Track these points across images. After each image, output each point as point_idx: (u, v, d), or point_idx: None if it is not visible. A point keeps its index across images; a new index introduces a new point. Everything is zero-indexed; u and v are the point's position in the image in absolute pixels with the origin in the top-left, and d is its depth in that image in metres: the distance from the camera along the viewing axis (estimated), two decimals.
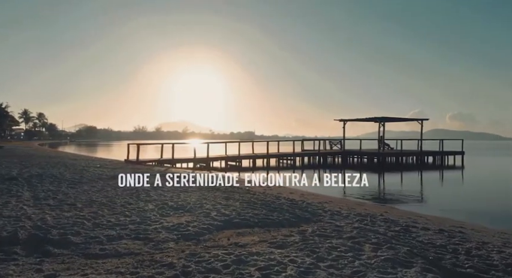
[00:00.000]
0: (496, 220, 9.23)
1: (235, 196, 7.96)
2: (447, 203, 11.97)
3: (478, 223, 7.62)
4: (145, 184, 9.63)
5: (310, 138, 45.18)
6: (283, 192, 10.29)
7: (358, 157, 33.43)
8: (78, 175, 11.59)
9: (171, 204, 6.69)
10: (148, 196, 7.63)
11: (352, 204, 9.08)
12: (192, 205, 6.62)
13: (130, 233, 4.80)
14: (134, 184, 9.31)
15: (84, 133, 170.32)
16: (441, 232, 5.80)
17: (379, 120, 34.45)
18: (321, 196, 10.52)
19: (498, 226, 8.29)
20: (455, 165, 29.87)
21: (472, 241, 5.32)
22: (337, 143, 34.86)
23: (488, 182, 19.68)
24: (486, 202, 12.46)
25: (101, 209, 6.26)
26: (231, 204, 6.94)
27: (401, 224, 6.24)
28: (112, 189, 8.59)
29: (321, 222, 5.99)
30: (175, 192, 8.27)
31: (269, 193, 8.99)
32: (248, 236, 4.82)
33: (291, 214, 6.37)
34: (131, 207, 6.48)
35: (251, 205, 6.86)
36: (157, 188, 8.89)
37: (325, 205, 7.98)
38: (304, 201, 8.00)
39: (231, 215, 5.87)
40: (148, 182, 9.96)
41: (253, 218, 5.81)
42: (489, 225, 8.30)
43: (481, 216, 9.86)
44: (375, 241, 4.66)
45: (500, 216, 9.96)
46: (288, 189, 12.04)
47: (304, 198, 8.88)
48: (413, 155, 32.79)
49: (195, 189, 9.17)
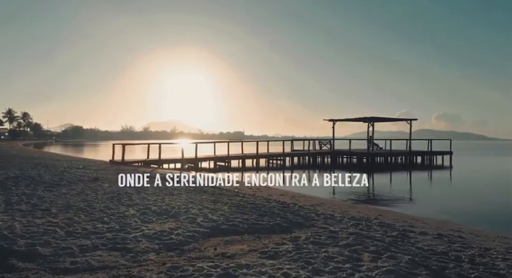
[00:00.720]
0: (489, 221, 9.07)
1: (224, 199, 7.56)
2: (439, 204, 11.78)
3: (475, 227, 7.38)
4: (128, 186, 9.17)
5: (300, 138, 44.97)
6: (274, 193, 9.93)
7: (348, 157, 33.35)
8: (58, 177, 11.01)
9: (154, 209, 6.25)
10: (131, 199, 7.17)
11: (344, 206, 8.77)
12: (177, 210, 6.19)
13: (107, 242, 4.36)
14: (119, 186, 8.83)
15: (70, 133, 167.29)
16: (440, 237, 5.51)
17: (368, 120, 34.44)
18: (312, 197, 10.20)
19: (492, 228, 8.09)
20: (443, 165, 30.02)
21: (473, 246, 5.04)
22: (326, 143, 34.74)
23: (476, 182, 19.69)
24: (476, 202, 12.34)
25: (77, 215, 5.79)
26: (219, 207, 6.53)
27: (398, 228, 5.93)
28: (92, 192, 8.08)
29: (314, 227, 5.65)
30: (159, 195, 7.82)
31: (259, 196, 8.61)
32: (237, 245, 4.43)
33: (283, 218, 6.01)
34: (111, 212, 6.02)
35: (240, 209, 6.47)
36: (140, 191, 8.42)
37: (317, 208, 7.64)
38: (295, 204, 7.64)
39: (219, 221, 5.47)
40: (132, 184, 9.50)
41: (242, 224, 5.42)
42: (485, 227, 8.09)
43: (474, 217, 9.69)
44: (373, 249, 4.32)
45: (492, 217, 9.81)
46: (279, 190, 11.68)
47: (295, 200, 8.53)
48: (402, 155, 32.87)
49: (182, 191, 8.73)
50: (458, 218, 9.26)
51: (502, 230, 7.75)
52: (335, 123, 35.42)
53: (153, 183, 10.15)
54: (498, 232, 7.37)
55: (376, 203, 11.59)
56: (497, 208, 11.38)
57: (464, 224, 7.75)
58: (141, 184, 9.48)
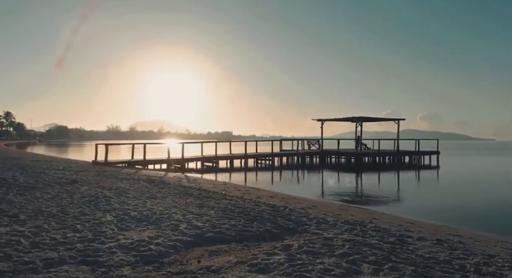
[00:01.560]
0: (481, 222, 8.90)
1: (210, 202, 7.11)
2: (429, 205, 11.60)
3: (473, 231, 7.12)
4: (108, 189, 8.63)
5: (288, 138, 44.69)
6: (263, 195, 9.52)
7: (336, 157, 33.23)
8: (34, 179, 10.36)
9: (133, 215, 5.76)
10: (109, 204, 6.65)
11: (336, 208, 8.42)
12: (159, 216, 5.72)
13: (77, 255, 3.87)
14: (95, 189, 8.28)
15: (54, 133, 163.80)
16: (440, 243, 5.19)
17: (357, 120, 34.40)
18: (303, 199, 9.84)
19: (485, 229, 7.90)
20: (430, 165, 30.17)
21: (476, 253, 4.73)
22: (315, 143, 34.56)
23: (464, 182, 19.72)
24: (465, 202, 12.22)
25: (47, 222, 5.26)
26: (204, 212, 6.08)
27: (395, 233, 5.60)
28: (68, 195, 7.52)
29: (307, 233, 5.26)
30: (141, 199, 7.32)
31: (248, 198, 8.19)
32: (223, 256, 3.99)
33: (273, 223, 5.60)
34: (85, 218, 5.51)
35: (228, 214, 6.03)
36: (121, 194, 7.89)
37: (309, 211, 7.27)
38: (286, 207, 7.25)
39: (204, 227, 5.02)
40: (112, 187, 8.97)
41: (229, 230, 4.99)
42: (478, 229, 7.88)
43: (465, 218, 9.51)
44: (373, 259, 3.95)
45: (483, 218, 9.64)
46: (268, 191, 11.30)
47: (285, 203, 8.14)
48: (390, 155, 32.92)
49: (166, 194, 8.24)
50: (449, 220, 9.07)
51: (496, 232, 7.54)
52: (323, 122, 35.26)
53: (136, 185, 9.64)
54: (494, 233, 7.14)
55: (367, 204, 11.32)
56: (485, 208, 11.29)
57: (461, 227, 7.50)
58: (120, 189, 8.94)
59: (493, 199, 13.10)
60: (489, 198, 13.40)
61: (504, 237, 6.40)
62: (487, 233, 6.85)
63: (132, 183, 10.39)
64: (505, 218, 9.72)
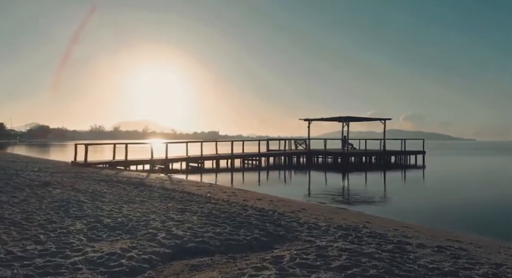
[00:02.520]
0: (470, 223, 8.69)
1: (193, 207, 6.58)
2: (420, 206, 11.36)
3: (472, 235, 6.81)
4: (83, 192, 8.01)
5: (274, 138, 44.33)
6: (250, 198, 9.04)
7: (323, 157, 33.03)
8: (4, 181, 9.63)
9: (107, 222, 5.20)
10: (81, 209, 6.06)
11: (327, 212, 8.01)
12: (135, 223, 5.17)
13: (34, 273, 3.31)
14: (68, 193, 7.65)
15: (35, 133, 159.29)
16: (441, 250, 4.81)
17: (343, 119, 34.30)
18: (292, 202, 9.41)
19: (478, 231, 7.66)
20: (416, 165, 30.26)
21: (482, 262, 4.36)
22: (302, 143, 34.30)
23: (449, 181, 19.71)
24: (455, 203, 12.04)
25: (8, 231, 4.66)
26: (186, 218, 5.56)
27: (392, 240, 5.20)
28: (37, 200, 6.88)
29: (299, 241, 4.81)
30: (117, 203, 6.75)
31: (234, 201, 7.70)
32: (205, 272, 3.49)
33: (262, 230, 5.13)
34: (51, 227, 4.92)
35: (212, 220, 5.53)
36: (96, 198, 7.29)
37: (299, 215, 6.83)
38: (275, 211, 6.79)
39: (185, 237, 4.51)
40: (88, 190, 8.34)
41: (213, 240, 4.49)
42: (472, 231, 7.61)
43: (458, 220, 9.28)
44: (374, 274, 3.52)
45: (471, 218, 9.43)
46: (255, 193, 10.83)
47: (274, 206, 7.68)
48: (376, 155, 32.91)
49: (145, 197, 7.67)
50: (440, 221, 8.84)
51: (490, 233, 7.29)
52: (310, 122, 35.03)
53: (114, 188, 9.02)
54: (490, 237, 6.86)
55: (358, 206, 10.97)
56: (473, 208, 11.15)
57: (454, 230, 7.20)
58: (96, 192, 8.32)
59: (478, 199, 13.04)
60: (475, 197, 13.32)
61: (505, 243, 6.09)
62: (486, 237, 6.54)
63: (111, 185, 9.77)
64: (494, 219, 9.53)
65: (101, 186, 9.39)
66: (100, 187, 9.22)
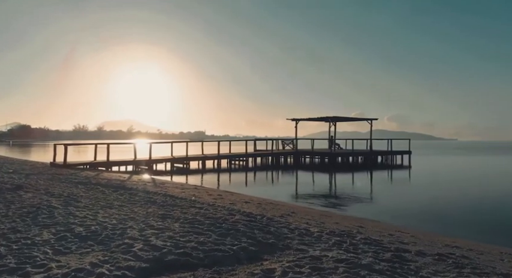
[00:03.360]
0: (466, 226, 8.49)
1: (176, 212, 6.12)
2: (408, 207, 11.15)
3: (470, 240, 6.54)
4: (57, 196, 7.43)
5: (261, 138, 43.97)
6: (237, 200, 8.62)
7: (310, 157, 32.86)
8: None
9: (78, 231, 4.69)
10: (51, 216, 5.52)
11: (317, 215, 7.65)
12: (110, 232, 4.69)
13: None
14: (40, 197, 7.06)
15: (16, 133, 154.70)
16: (442, 258, 4.49)
17: (331, 119, 34.21)
18: (280, 204, 9.02)
19: (468, 232, 7.47)
20: (402, 164, 30.36)
21: (487, 272, 4.05)
22: (289, 143, 34.06)
23: (435, 181, 19.74)
24: (443, 204, 11.88)
25: None
26: (167, 226, 5.10)
27: (389, 247, 4.86)
28: (5, 205, 6.30)
29: (290, 250, 4.42)
30: (93, 209, 6.22)
31: (220, 205, 7.26)
32: None
33: (250, 238, 4.72)
34: (15, 237, 4.40)
35: (196, 227, 5.08)
36: (70, 202, 6.74)
37: (289, 219, 6.44)
38: (263, 215, 6.39)
39: (165, 248, 4.06)
40: (63, 193, 7.76)
41: (196, 250, 4.05)
42: (468, 235, 7.39)
43: (451, 222, 9.09)
44: None
45: (464, 221, 9.24)
46: (242, 196, 10.40)
47: (262, 210, 7.28)
48: (363, 155, 32.93)
49: (124, 201, 7.16)
50: (431, 223, 8.63)
51: (482, 236, 7.08)
52: (298, 122, 34.83)
53: (91, 191, 8.46)
54: (501, 248, 6.62)
55: (348, 208, 10.68)
56: (460, 209, 11.04)
57: (453, 234, 6.95)
58: (72, 196, 7.76)
59: (465, 199, 13.05)
60: (462, 198, 13.30)
61: (505, 248, 5.84)
62: (484, 243, 6.28)
63: (89, 188, 9.19)
64: (483, 220, 9.37)
65: (78, 189, 8.81)
66: (77, 190, 8.64)
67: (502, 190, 15.53)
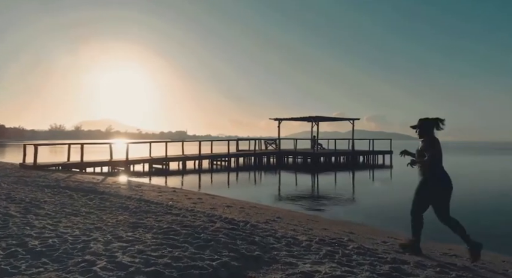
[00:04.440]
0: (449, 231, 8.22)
1: (149, 220, 5.52)
2: (394, 210, 10.85)
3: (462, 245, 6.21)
4: (18, 201, 6.69)
5: (244, 138, 43.43)
6: (218, 205, 8.06)
7: (293, 157, 32.62)
8: None
9: (32, 245, 4.04)
10: (5, 227, 4.82)
11: (304, 220, 7.19)
12: (70, 246, 4.06)
13: None
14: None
15: None
16: (443, 270, 4.09)
17: (313, 119, 34.09)
18: (265, 208, 8.52)
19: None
20: (384, 164, 30.51)
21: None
22: (272, 143, 33.73)
23: (416, 181, 19.71)
24: None
25: None
26: (138, 237, 4.50)
27: (385, 257, 4.43)
28: None
29: (278, 264, 3.91)
30: (56, 217, 5.54)
31: (200, 211, 6.69)
32: None
33: (232, 250, 4.18)
34: None
35: (171, 239, 4.51)
36: (30, 210, 6.02)
37: (274, 226, 5.95)
38: (247, 222, 5.86)
39: (132, 266, 3.47)
40: (25, 199, 7.01)
41: (170, 268, 3.49)
42: (458, 240, 7.08)
43: (436, 226, 8.80)
44: None
45: None
46: (224, 199, 9.85)
47: (246, 215, 6.76)
48: (345, 155, 32.95)
49: (93, 208, 6.49)
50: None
51: None
52: (280, 122, 34.53)
53: (58, 196, 7.73)
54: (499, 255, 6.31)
55: (332, 208, 10.32)
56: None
57: (443, 240, 6.61)
58: (35, 202, 7.02)
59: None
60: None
61: (506, 256, 5.53)
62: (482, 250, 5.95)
63: (56, 192, 8.44)
64: (465, 222, 9.14)
65: (43, 194, 8.05)
66: (42, 194, 7.88)
67: (480, 190, 15.56)
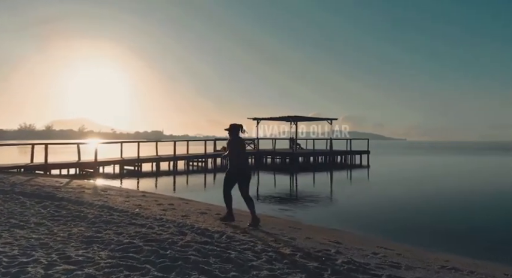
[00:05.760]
0: (437, 231, 7.94)
1: (108, 233, 4.75)
2: (375, 212, 10.54)
3: (458, 255, 5.80)
4: None
5: (222, 137, 42.56)
6: (192, 211, 7.35)
7: (272, 158, 32.15)
8: None
9: None
10: None
11: (286, 228, 6.60)
12: (2, 270, 3.27)
13: None
14: None
15: None
16: None
17: (292, 119, 33.75)
18: (243, 214, 7.85)
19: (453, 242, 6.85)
20: (361, 164, 30.55)
21: None
22: (250, 143, 33.11)
23: (392, 180, 19.66)
24: (408, 207, 11.43)
25: None
26: (91, 256, 3.75)
27: (380, 274, 3.90)
28: None
29: None
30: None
31: (169, 219, 5.96)
32: None
33: (203, 272, 3.51)
34: None
35: (130, 258, 3.78)
36: None
37: (254, 236, 5.31)
38: (223, 233, 5.19)
39: None
40: None
41: None
42: (451, 248, 6.75)
43: (421, 228, 8.51)
44: None
45: (432, 226, 8.70)
46: (199, 204, 9.14)
47: (223, 224, 6.09)
48: (324, 155, 32.81)
49: (45, 217, 5.65)
50: (400, 231, 8.01)
51: (462, 251, 6.45)
52: (259, 122, 33.98)
53: (8, 203, 6.80)
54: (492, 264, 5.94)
55: (313, 214, 9.84)
56: (424, 211, 10.69)
57: (431, 247, 6.22)
58: None
59: (427, 199, 12.79)
60: (423, 198, 13.19)
61: (503, 266, 5.13)
62: (478, 260, 5.56)
63: (8, 198, 7.48)
64: (450, 225, 8.91)
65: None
66: None
67: (461, 191, 15.53)
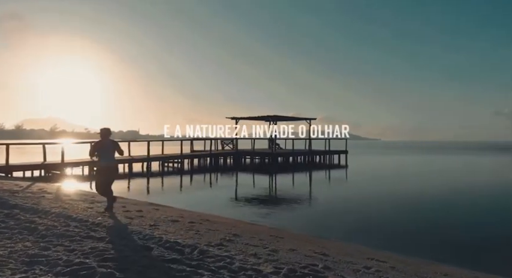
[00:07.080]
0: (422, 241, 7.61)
1: (58, 249, 4.01)
2: (357, 215, 10.19)
3: (454, 267, 5.40)
4: None
5: (199, 137, 41.60)
6: (162, 219, 6.64)
7: (251, 158, 31.60)
8: None
9: None
10: None
11: (267, 237, 6.01)
12: None
13: None
14: None
15: None
16: None
17: (271, 119, 33.32)
18: (220, 221, 7.24)
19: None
20: (340, 164, 30.53)
21: None
22: (229, 143, 32.45)
23: (373, 182, 19.60)
24: (387, 210, 11.16)
25: None
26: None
27: None
28: None
29: None
30: None
31: (135, 230, 5.25)
32: None
33: None
34: None
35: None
36: None
37: (230, 250, 4.68)
38: (195, 247, 4.53)
39: None
40: None
41: None
42: (446, 258, 6.38)
43: (402, 234, 8.17)
44: None
45: (415, 231, 8.39)
46: (172, 210, 8.43)
47: (195, 234, 5.43)
48: (303, 155, 32.59)
49: (4, 228, 4.83)
50: (387, 237, 7.64)
51: (459, 262, 6.11)
52: (238, 121, 33.35)
53: None
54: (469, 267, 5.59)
55: (294, 220, 9.35)
56: (404, 214, 10.45)
57: (436, 261, 5.82)
58: None
59: (407, 201, 12.67)
60: (403, 200, 12.99)
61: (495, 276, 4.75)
62: (477, 272, 5.18)
63: None
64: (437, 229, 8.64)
65: None
66: None
67: (440, 191, 15.48)
